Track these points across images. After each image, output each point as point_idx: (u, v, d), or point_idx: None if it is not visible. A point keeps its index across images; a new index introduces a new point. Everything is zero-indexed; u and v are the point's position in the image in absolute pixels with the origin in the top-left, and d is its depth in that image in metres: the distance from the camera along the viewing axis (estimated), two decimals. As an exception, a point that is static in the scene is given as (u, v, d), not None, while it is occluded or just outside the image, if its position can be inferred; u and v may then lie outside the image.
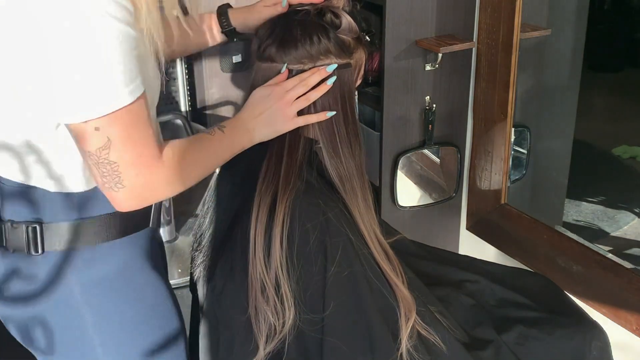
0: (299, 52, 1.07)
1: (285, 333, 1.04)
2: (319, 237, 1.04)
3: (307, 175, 1.09)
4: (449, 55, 1.88)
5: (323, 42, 1.07)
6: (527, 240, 1.92)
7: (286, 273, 1.03)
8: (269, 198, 1.05)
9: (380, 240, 1.13)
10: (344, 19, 1.11)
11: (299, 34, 1.07)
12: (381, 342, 1.07)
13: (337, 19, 1.10)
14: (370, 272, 1.08)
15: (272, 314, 1.04)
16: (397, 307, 1.09)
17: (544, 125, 2.22)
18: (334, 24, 1.10)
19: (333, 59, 1.09)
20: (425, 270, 1.35)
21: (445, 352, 1.13)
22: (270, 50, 1.09)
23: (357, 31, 1.12)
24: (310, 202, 1.05)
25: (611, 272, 1.70)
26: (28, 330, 1.13)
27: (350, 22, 1.11)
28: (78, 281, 1.07)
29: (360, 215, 1.11)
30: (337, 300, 1.04)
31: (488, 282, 1.37)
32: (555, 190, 2.33)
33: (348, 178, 1.11)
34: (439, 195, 2.10)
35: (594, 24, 2.63)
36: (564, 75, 2.22)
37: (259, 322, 1.05)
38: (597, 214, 2.39)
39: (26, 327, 1.13)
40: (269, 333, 1.04)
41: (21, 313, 1.12)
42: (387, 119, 1.91)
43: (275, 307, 1.04)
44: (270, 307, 1.04)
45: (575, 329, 1.29)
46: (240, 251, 1.09)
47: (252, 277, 1.05)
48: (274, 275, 1.03)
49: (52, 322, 1.11)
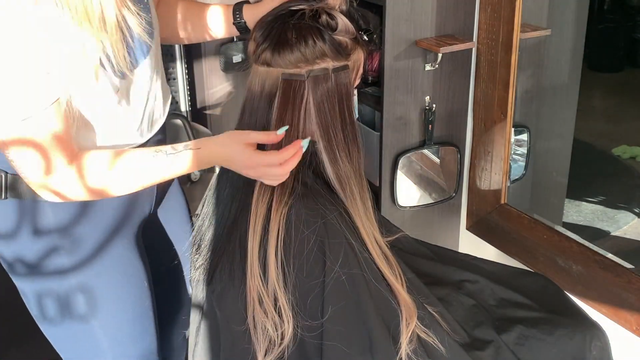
0: (294, 56, 1.06)
1: (285, 346, 1.04)
2: (317, 241, 1.03)
3: (306, 177, 1.09)
4: (449, 55, 1.88)
5: (318, 44, 1.06)
6: (527, 240, 1.92)
7: (283, 286, 1.03)
8: (264, 209, 1.04)
9: (380, 243, 1.13)
10: (340, 20, 1.09)
11: (293, 38, 1.06)
12: (381, 344, 1.07)
13: (332, 20, 1.08)
14: (370, 275, 1.08)
15: (270, 327, 1.03)
16: (400, 311, 1.09)
17: (544, 125, 2.22)
18: (330, 25, 1.08)
19: (329, 62, 1.08)
20: (425, 269, 1.35)
21: (445, 354, 1.13)
22: (266, 55, 1.08)
23: (353, 32, 1.10)
24: (308, 208, 1.05)
25: (611, 272, 1.70)
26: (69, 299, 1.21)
27: (346, 23, 1.09)
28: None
29: (360, 217, 1.11)
30: (336, 303, 1.04)
31: (488, 282, 1.37)
32: (555, 190, 2.33)
33: (346, 181, 1.10)
34: (439, 195, 2.10)
35: (594, 24, 2.64)
36: (564, 75, 2.22)
37: (257, 334, 1.05)
38: (597, 214, 2.39)
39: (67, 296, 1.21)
40: (269, 346, 1.04)
41: (63, 284, 1.19)
42: (387, 119, 1.91)
43: (273, 320, 1.03)
44: (268, 320, 1.03)
45: (575, 329, 1.29)
46: (239, 258, 1.09)
47: (250, 289, 1.05)
48: (272, 289, 1.03)
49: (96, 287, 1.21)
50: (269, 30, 1.09)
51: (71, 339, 1.27)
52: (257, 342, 1.05)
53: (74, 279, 1.19)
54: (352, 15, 1.12)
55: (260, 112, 1.11)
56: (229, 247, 1.12)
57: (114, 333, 1.26)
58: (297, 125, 1.08)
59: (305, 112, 1.09)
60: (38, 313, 1.24)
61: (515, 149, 2.07)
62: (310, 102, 1.08)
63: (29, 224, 1.15)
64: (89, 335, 1.25)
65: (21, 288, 1.24)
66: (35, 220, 1.15)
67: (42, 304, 1.21)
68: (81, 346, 1.27)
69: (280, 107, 1.08)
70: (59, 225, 1.16)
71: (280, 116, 1.08)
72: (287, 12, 1.09)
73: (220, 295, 1.13)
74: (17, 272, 1.20)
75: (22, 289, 1.24)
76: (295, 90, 1.07)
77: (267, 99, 1.10)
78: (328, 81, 1.08)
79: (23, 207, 1.14)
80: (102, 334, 1.25)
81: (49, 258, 1.17)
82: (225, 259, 1.12)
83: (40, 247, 1.16)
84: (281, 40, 1.07)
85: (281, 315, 1.03)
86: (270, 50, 1.07)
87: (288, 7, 1.10)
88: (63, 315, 1.22)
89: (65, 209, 1.15)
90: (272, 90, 1.09)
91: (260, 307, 1.04)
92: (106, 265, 1.22)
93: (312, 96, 1.08)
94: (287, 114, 1.08)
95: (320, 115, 1.09)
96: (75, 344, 1.28)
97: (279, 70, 1.07)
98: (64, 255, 1.18)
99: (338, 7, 1.11)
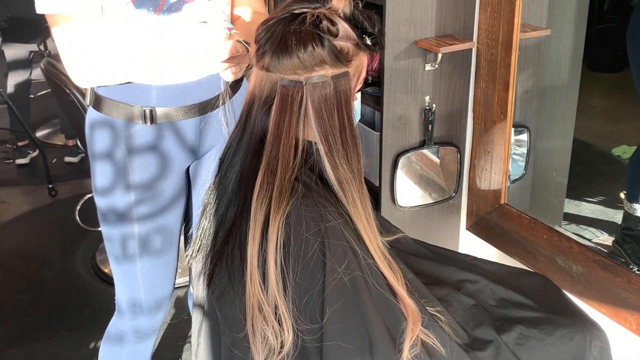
0: (292, 62, 1.05)
1: (284, 355, 1.03)
2: (317, 242, 1.03)
3: (306, 178, 1.08)
4: (448, 55, 1.88)
5: (317, 51, 1.05)
6: (527, 240, 1.92)
7: (283, 294, 1.02)
8: (262, 216, 1.04)
9: (381, 247, 1.13)
10: (341, 25, 1.08)
11: (293, 44, 1.05)
12: (381, 345, 1.06)
13: (333, 26, 1.07)
14: (371, 278, 1.08)
15: (271, 334, 1.03)
16: (404, 317, 1.09)
17: (543, 125, 2.22)
18: (330, 31, 1.07)
19: (328, 69, 1.07)
20: (426, 269, 1.35)
21: (445, 355, 1.13)
22: (265, 59, 1.07)
23: (354, 38, 1.09)
24: (308, 210, 1.05)
25: (611, 272, 1.70)
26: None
27: (347, 29, 1.08)
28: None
29: (361, 221, 1.10)
30: (336, 305, 1.04)
31: (488, 282, 1.37)
32: (555, 190, 2.33)
33: (347, 186, 1.09)
34: (438, 195, 2.10)
35: (594, 24, 2.64)
36: (564, 75, 2.22)
37: (256, 342, 1.04)
38: (597, 214, 2.39)
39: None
40: (268, 354, 1.04)
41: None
42: (387, 119, 1.91)
43: (273, 328, 1.03)
44: (268, 328, 1.03)
45: (575, 329, 1.29)
46: (238, 261, 1.09)
47: (249, 295, 1.04)
48: (272, 297, 1.02)
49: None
50: (270, 34, 1.08)
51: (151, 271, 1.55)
52: (256, 350, 1.04)
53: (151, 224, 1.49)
54: (356, 18, 1.10)
55: (259, 116, 1.11)
56: (228, 247, 1.12)
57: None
58: (296, 131, 1.08)
59: (304, 118, 1.08)
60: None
61: (515, 149, 2.07)
62: (309, 109, 1.08)
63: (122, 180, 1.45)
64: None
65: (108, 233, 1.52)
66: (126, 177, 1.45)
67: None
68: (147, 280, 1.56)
69: (277, 112, 1.07)
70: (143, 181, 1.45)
71: (277, 121, 1.07)
72: (290, 16, 1.08)
73: (219, 297, 1.13)
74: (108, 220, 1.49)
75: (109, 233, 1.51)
76: (293, 97, 1.07)
77: (265, 103, 1.10)
78: (327, 88, 1.07)
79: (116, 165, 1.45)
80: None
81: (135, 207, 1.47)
82: (224, 262, 1.12)
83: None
84: (281, 46, 1.06)
85: (281, 323, 1.03)
86: (270, 55, 1.07)
87: (291, 9, 1.10)
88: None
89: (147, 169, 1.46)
90: (270, 95, 1.09)
91: (260, 314, 1.03)
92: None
93: (311, 103, 1.07)
94: (284, 120, 1.07)
95: (319, 122, 1.08)
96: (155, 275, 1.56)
97: (277, 75, 1.07)
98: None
99: (341, 10, 1.09)
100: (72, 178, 3.48)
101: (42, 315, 2.41)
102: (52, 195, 3.29)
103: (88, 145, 1.48)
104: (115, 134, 1.42)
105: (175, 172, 1.49)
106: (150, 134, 1.43)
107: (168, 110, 1.42)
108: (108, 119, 1.42)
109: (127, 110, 1.41)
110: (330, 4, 1.08)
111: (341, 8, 1.08)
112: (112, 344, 1.62)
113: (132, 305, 1.56)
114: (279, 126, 1.07)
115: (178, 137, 1.47)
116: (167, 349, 2.21)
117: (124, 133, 1.42)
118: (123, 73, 1.37)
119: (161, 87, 1.40)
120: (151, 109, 1.40)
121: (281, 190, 1.05)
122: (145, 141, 1.43)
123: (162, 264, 1.55)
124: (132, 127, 1.42)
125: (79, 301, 2.48)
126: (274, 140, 1.08)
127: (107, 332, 1.64)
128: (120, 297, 1.57)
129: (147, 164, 1.45)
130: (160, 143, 1.45)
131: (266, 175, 1.07)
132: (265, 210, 1.05)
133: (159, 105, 1.41)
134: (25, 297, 2.52)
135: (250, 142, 1.12)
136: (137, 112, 1.40)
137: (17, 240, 2.95)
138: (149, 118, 1.41)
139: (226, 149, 1.17)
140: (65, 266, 2.72)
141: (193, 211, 1.60)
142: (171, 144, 1.46)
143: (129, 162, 1.43)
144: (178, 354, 2.19)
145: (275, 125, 1.07)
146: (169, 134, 1.45)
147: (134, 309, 1.56)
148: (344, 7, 1.08)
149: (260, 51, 1.08)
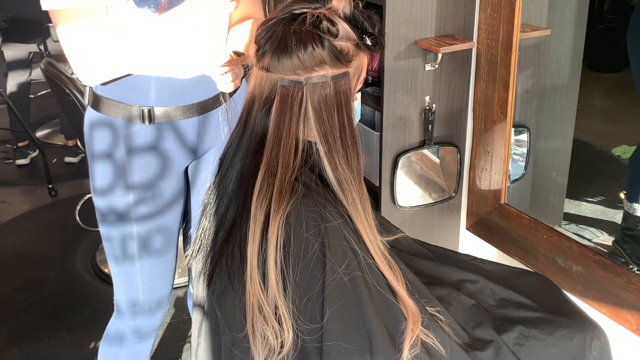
0: (292, 63, 1.05)
1: (284, 355, 1.03)
2: (317, 242, 1.03)
3: (306, 178, 1.08)
4: (448, 55, 1.88)
5: (317, 52, 1.05)
6: (527, 240, 1.92)
7: (283, 294, 1.02)
8: (262, 216, 1.04)
9: (381, 247, 1.13)
10: (341, 26, 1.08)
11: (293, 45, 1.05)
12: (381, 345, 1.06)
13: (333, 26, 1.07)
14: (371, 278, 1.08)
15: (271, 335, 1.03)
16: (404, 317, 1.09)
17: (544, 125, 2.22)
18: (330, 32, 1.07)
19: (328, 70, 1.07)
20: (426, 269, 1.35)
21: (445, 355, 1.13)
22: (265, 59, 1.07)
23: (354, 38, 1.09)
24: (308, 210, 1.05)
25: (611, 272, 1.70)
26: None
27: (347, 29, 1.08)
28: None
29: (361, 222, 1.10)
30: (336, 305, 1.04)
31: (488, 282, 1.37)
32: (555, 190, 2.33)
33: (347, 186, 1.10)
34: (438, 195, 2.10)
35: (594, 24, 2.64)
36: (564, 75, 2.22)
37: (256, 342, 1.04)
38: (597, 214, 2.39)
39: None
40: (268, 354, 1.04)
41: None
42: (387, 119, 1.91)
43: (273, 328, 1.03)
44: (268, 328, 1.03)
45: (575, 329, 1.29)
46: (238, 261, 1.09)
47: (249, 295, 1.04)
48: (272, 297, 1.03)
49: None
50: (270, 34, 1.08)
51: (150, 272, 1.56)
52: (256, 350, 1.04)
53: (151, 224, 1.49)
54: (356, 19, 1.10)
55: (259, 116, 1.11)
56: (228, 247, 1.12)
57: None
58: (296, 131, 1.08)
59: (304, 119, 1.08)
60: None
61: (515, 149, 2.07)
62: (308, 109, 1.08)
63: (122, 180, 1.45)
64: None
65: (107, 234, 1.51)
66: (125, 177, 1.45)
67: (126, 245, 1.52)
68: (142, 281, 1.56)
69: (277, 113, 1.07)
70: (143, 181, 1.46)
71: (277, 122, 1.08)
72: (290, 16, 1.08)
73: (219, 297, 1.13)
74: (108, 220, 1.49)
75: (108, 234, 1.51)
76: (293, 97, 1.07)
77: (265, 104, 1.10)
78: (327, 89, 1.07)
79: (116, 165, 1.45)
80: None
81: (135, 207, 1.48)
82: (224, 262, 1.12)
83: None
84: (281, 46, 1.06)
85: (281, 323, 1.03)
86: (270, 55, 1.07)
87: (291, 10, 1.10)
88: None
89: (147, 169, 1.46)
90: (270, 95, 1.09)
91: (260, 314, 1.03)
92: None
93: (311, 103, 1.07)
94: (284, 120, 1.08)
95: (319, 122, 1.08)
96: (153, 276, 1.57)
97: (277, 76, 1.07)
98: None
99: (341, 10, 1.09)
100: (72, 178, 3.49)
101: (42, 315, 2.41)
102: (52, 195, 3.30)
103: (87, 145, 1.47)
104: (115, 134, 1.42)
105: (175, 172, 1.49)
106: (149, 134, 1.43)
107: (167, 110, 1.42)
108: (107, 118, 1.42)
109: (125, 109, 1.40)
110: (330, 4, 1.08)
111: (341, 8, 1.08)
112: (111, 344, 1.62)
113: (131, 306, 1.56)
114: (279, 126, 1.07)
115: (177, 137, 1.46)
116: (167, 349, 2.21)
117: (123, 133, 1.42)
118: (127, 61, 1.34)
119: (160, 86, 1.40)
120: (150, 109, 1.40)
121: (281, 190, 1.05)
122: (145, 141, 1.43)
123: (161, 264, 1.55)
124: (131, 127, 1.41)
125: (78, 301, 2.49)
126: (274, 140, 1.08)
127: (106, 332, 1.63)
128: (119, 297, 1.57)
129: (147, 164, 1.45)
130: (160, 143, 1.45)
131: (266, 176, 1.07)
132: (265, 210, 1.05)
133: (158, 104, 1.41)
134: (25, 297, 2.53)
135: (250, 142, 1.12)
136: (135, 111, 1.40)
137: (17, 240, 2.95)
138: (147, 118, 1.40)
139: (226, 149, 1.17)
140: (65, 266, 2.72)
141: (192, 211, 1.60)
142: (170, 144, 1.46)
143: (128, 162, 1.43)
144: (178, 354, 2.19)
145: (275, 125, 1.08)
146: (168, 134, 1.44)
147: (133, 309, 1.56)
148: (344, 7, 1.08)
149: (260, 51, 1.08)
